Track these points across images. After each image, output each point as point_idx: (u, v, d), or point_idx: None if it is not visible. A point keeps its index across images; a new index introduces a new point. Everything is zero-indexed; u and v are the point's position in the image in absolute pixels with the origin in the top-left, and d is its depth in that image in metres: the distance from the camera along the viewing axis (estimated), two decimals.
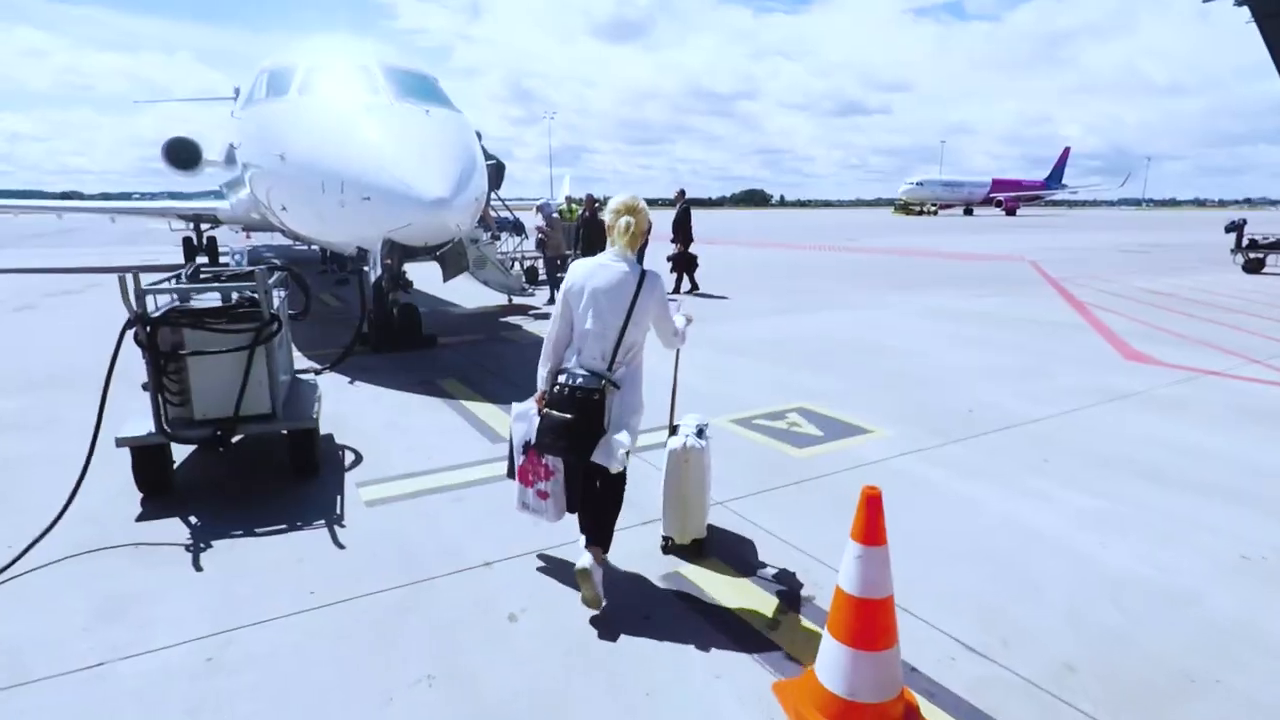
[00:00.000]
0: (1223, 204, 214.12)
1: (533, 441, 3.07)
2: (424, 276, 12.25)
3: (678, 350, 3.44)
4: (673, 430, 3.53)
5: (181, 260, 17.21)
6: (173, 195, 22.00)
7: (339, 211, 6.64)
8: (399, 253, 7.13)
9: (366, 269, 7.40)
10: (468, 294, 12.75)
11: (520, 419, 3.17)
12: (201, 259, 17.58)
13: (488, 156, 11.07)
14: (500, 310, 11.74)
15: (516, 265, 14.72)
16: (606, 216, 3.09)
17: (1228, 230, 19.34)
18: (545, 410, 3.02)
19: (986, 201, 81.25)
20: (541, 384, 3.15)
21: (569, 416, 2.91)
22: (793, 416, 5.74)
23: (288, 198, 7.76)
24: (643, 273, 2.98)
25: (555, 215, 13.74)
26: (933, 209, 76.88)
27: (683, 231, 13.59)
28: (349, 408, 5.97)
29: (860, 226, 48.22)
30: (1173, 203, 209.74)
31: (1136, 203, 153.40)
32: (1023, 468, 4.67)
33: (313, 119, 7.24)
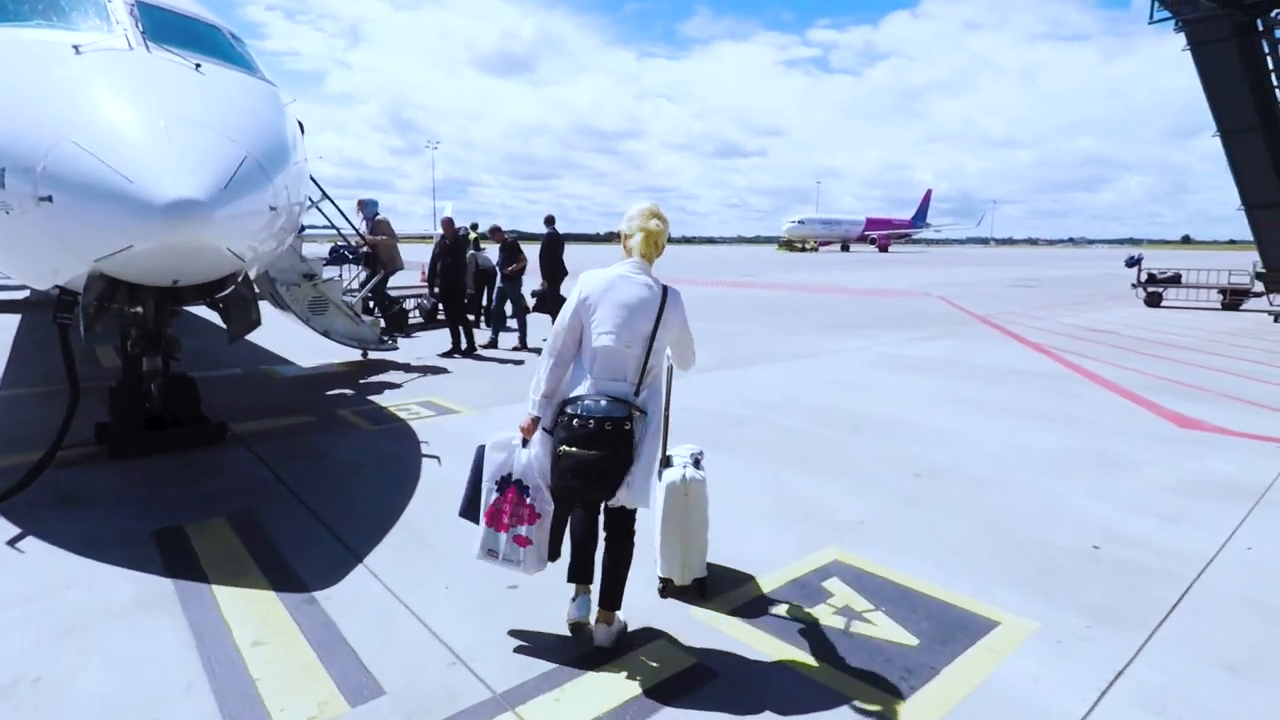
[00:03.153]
0: (1051, 243, 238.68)
1: (514, 476, 2.72)
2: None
3: (670, 371, 2.98)
4: (665, 463, 3.21)
5: None
6: None
7: (2, 223, 3.68)
8: (153, 297, 4.22)
9: (68, 319, 4.38)
10: (310, 345, 9.46)
11: (499, 450, 2.76)
12: None
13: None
14: (350, 369, 8.76)
15: (394, 307, 11.72)
16: (624, 225, 2.79)
17: (1128, 265, 19.35)
18: (564, 449, 2.60)
19: (861, 239, 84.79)
20: (535, 409, 2.75)
21: (596, 453, 2.56)
22: (835, 589, 3.29)
23: None
24: (664, 288, 2.71)
25: (380, 218, 10.77)
26: (813, 246, 79.17)
27: (550, 264, 11.03)
28: None
29: (752, 262, 47.85)
30: (1011, 241, 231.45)
31: (984, 241, 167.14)
32: None
33: None
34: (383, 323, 9.86)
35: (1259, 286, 16.68)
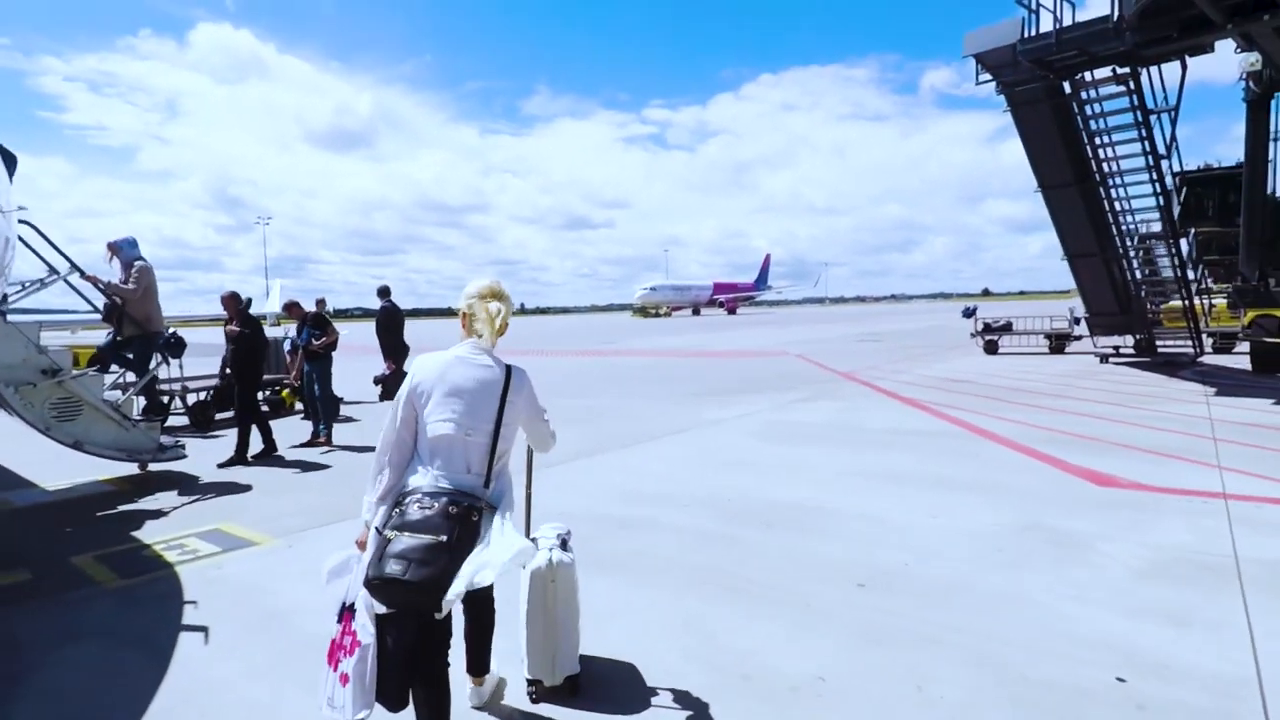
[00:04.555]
0: (876, 299, 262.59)
1: (348, 601, 2.27)
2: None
3: (529, 452, 2.90)
4: None
5: None
6: None
7: None
8: None
9: None
10: (73, 459, 6.92)
11: (336, 575, 2.35)
12: None
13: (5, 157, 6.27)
14: (122, 489, 6.66)
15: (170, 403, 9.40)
16: (462, 304, 2.56)
17: (965, 315, 20.56)
18: (394, 533, 2.17)
19: (710, 303, 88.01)
20: (370, 513, 2.38)
21: (433, 538, 2.14)
22: None
23: None
24: (508, 367, 2.50)
25: (142, 263, 7.58)
26: (666, 311, 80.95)
27: (390, 341, 9.52)
28: None
29: (610, 330, 47.56)
30: (843, 299, 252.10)
31: (819, 300, 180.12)
32: None
33: None
34: (159, 430, 7.43)
35: (1078, 330, 18.16)
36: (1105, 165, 12.07)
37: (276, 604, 3.85)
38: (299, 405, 11.02)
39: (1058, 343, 18.16)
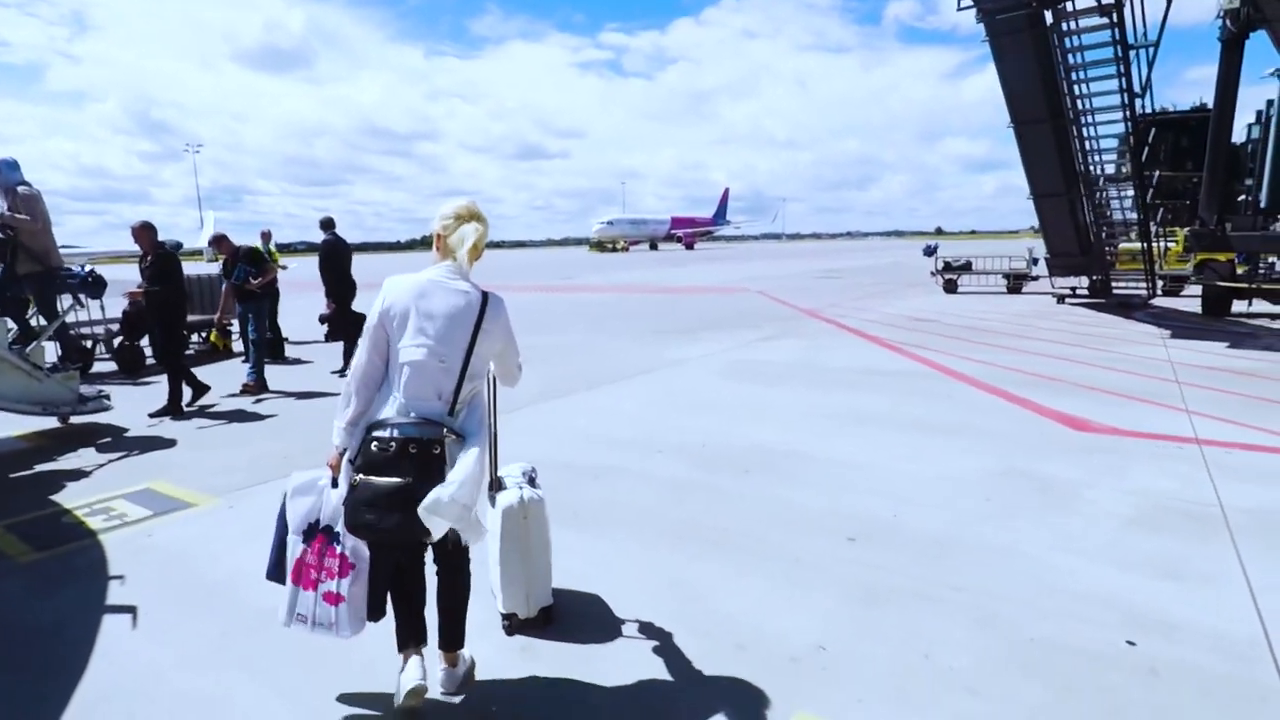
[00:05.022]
0: (833, 236, 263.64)
1: (323, 523, 2.32)
2: None
3: (494, 385, 2.73)
4: (496, 485, 2.94)
5: None
6: None
7: None
8: None
9: None
10: None
11: (303, 493, 2.36)
12: None
13: None
14: (40, 444, 6.09)
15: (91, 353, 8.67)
16: (436, 225, 2.40)
17: (926, 254, 20.56)
18: (360, 477, 2.19)
19: (668, 237, 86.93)
20: (340, 438, 2.35)
21: (396, 480, 2.15)
22: None
23: None
24: (484, 294, 2.37)
25: (27, 191, 6.79)
26: (624, 246, 79.68)
27: (335, 279, 8.83)
28: None
29: (566, 265, 46.60)
30: (799, 236, 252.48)
31: (777, 236, 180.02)
32: None
33: None
34: (78, 379, 6.73)
35: (1035, 271, 18.34)
36: (1079, 103, 11.86)
37: (217, 575, 3.47)
38: (239, 349, 10.29)
39: (1015, 283, 18.31)
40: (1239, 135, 12.95)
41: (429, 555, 2.52)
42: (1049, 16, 11.00)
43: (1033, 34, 11.32)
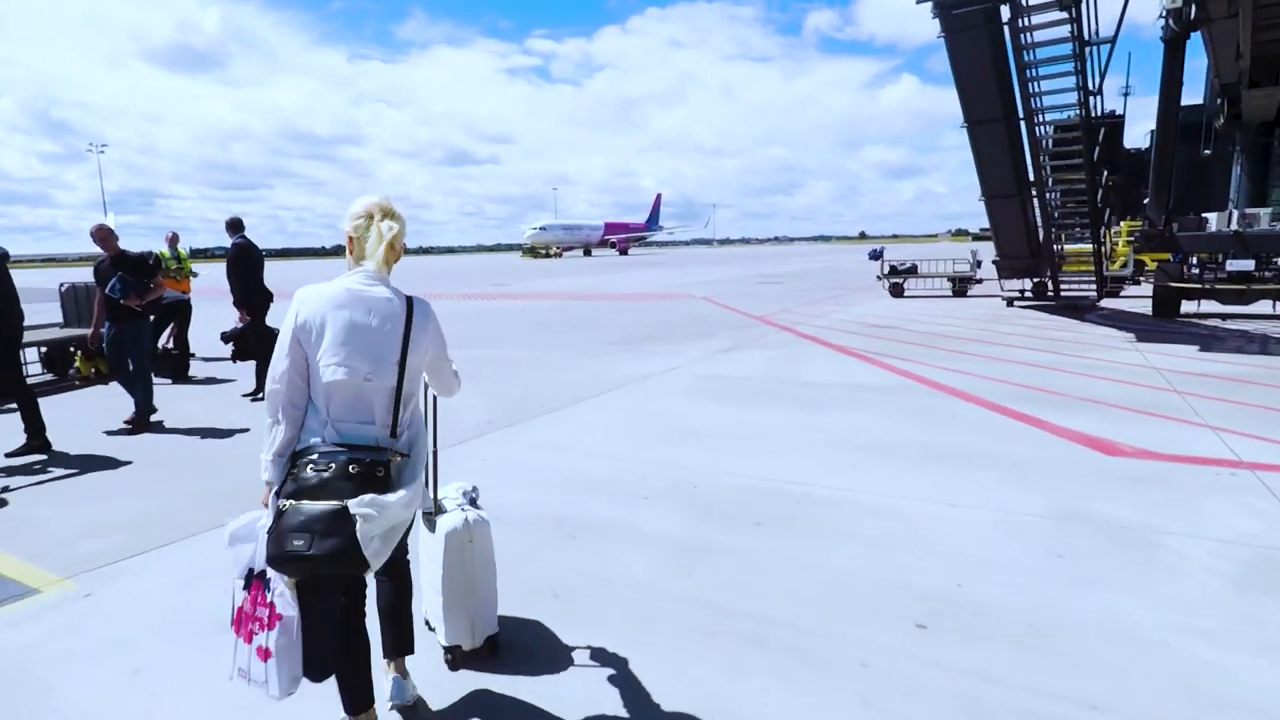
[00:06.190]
0: (761, 242, 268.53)
1: (257, 569, 1.99)
2: None
3: (433, 400, 2.46)
4: (436, 509, 2.69)
5: None
6: None
7: None
8: None
9: None
10: None
11: (241, 539, 2.04)
12: None
13: None
14: None
15: None
16: (347, 225, 2.17)
17: (872, 258, 20.39)
18: (289, 503, 1.91)
19: (602, 243, 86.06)
20: (270, 472, 2.06)
21: (340, 504, 1.87)
22: None
23: None
24: (409, 299, 2.15)
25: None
26: (557, 252, 78.34)
27: (245, 287, 7.61)
28: None
29: (501, 270, 45.10)
30: (729, 241, 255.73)
31: (708, 242, 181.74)
32: None
33: None
34: None
35: (979, 274, 18.34)
36: (1033, 101, 11.62)
37: (61, 709, 2.35)
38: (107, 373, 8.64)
39: (961, 286, 18.26)
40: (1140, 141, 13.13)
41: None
42: (1005, 11, 10.67)
43: (988, 30, 10.98)
